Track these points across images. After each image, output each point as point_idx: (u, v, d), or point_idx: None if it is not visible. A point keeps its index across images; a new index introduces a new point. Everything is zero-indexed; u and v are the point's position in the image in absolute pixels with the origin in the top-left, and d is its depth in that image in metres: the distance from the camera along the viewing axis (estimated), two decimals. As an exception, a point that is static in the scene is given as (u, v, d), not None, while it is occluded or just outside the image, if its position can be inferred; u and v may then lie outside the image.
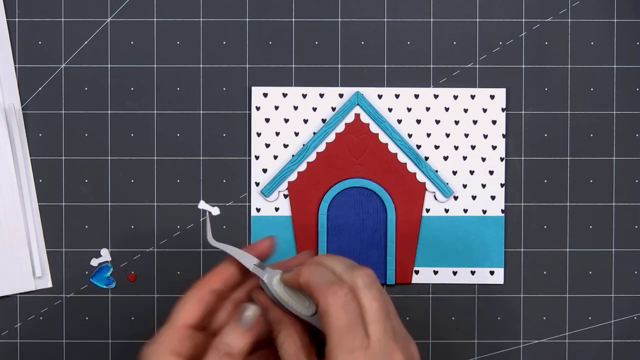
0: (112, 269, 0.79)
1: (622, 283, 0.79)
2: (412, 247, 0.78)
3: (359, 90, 0.78)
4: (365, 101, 0.78)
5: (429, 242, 0.78)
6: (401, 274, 0.78)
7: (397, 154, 0.78)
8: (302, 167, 0.78)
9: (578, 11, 0.79)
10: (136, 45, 0.79)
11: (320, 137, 0.78)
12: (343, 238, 0.78)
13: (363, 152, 0.78)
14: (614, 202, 0.79)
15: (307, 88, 0.78)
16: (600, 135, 0.79)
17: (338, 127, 0.78)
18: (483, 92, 0.78)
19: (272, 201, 0.78)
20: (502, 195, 0.79)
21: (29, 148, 0.78)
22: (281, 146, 0.78)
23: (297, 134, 0.78)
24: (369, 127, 0.78)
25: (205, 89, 0.79)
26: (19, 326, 0.78)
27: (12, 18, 0.78)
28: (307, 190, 0.78)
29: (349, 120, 0.78)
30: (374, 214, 0.78)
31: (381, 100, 0.78)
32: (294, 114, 0.78)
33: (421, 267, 0.78)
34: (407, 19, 0.79)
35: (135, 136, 0.79)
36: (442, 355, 0.79)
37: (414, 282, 0.79)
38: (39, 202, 0.78)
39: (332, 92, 0.78)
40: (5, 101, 0.78)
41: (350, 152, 0.78)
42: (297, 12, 0.79)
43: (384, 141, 0.78)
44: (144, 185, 0.78)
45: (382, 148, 0.78)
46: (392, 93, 0.78)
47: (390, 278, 0.78)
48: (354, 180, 0.78)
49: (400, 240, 0.78)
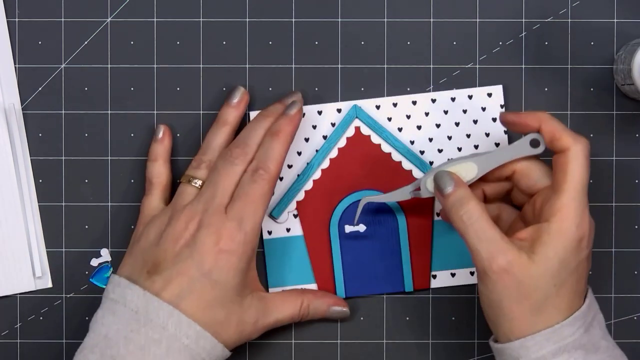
0: (112, 269, 0.79)
1: (622, 283, 0.79)
2: (426, 252, 0.78)
3: (356, 103, 0.78)
4: (364, 113, 0.78)
5: (444, 246, 0.78)
6: (419, 279, 0.78)
7: (402, 161, 0.78)
8: (309, 185, 0.78)
9: (578, 11, 0.79)
10: (136, 45, 0.79)
11: (323, 153, 0.78)
12: (357, 250, 0.78)
13: (367, 164, 0.78)
14: (614, 202, 0.79)
15: (305, 107, 0.78)
16: (600, 135, 0.79)
17: (340, 142, 0.78)
18: (480, 91, 0.78)
19: (282, 222, 0.78)
20: None
21: (29, 148, 0.78)
22: (285, 167, 0.78)
23: (300, 153, 0.78)
24: (370, 138, 0.78)
25: (205, 89, 0.79)
26: (19, 326, 0.78)
27: (12, 18, 0.78)
28: (316, 208, 0.78)
29: (350, 134, 0.78)
30: (385, 223, 0.78)
31: (379, 111, 0.78)
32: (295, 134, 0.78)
33: (439, 271, 0.78)
34: (407, 19, 0.79)
35: (135, 136, 0.79)
36: (442, 355, 0.79)
37: (433, 287, 0.78)
38: (39, 202, 0.78)
39: (330, 108, 0.78)
40: (5, 101, 0.78)
41: (354, 165, 0.78)
42: (297, 12, 0.79)
43: (387, 150, 0.78)
44: (144, 185, 0.78)
45: (386, 157, 0.78)
46: (390, 102, 0.78)
47: (408, 285, 0.78)
48: (361, 192, 0.78)
49: (414, 247, 0.78)
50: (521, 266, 0.66)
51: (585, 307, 0.68)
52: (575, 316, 0.67)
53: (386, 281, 0.78)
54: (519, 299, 0.66)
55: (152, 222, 0.73)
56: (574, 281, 0.67)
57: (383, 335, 0.79)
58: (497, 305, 0.67)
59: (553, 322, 0.66)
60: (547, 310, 0.66)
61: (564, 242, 0.66)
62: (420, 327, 0.79)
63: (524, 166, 0.71)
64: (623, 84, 0.75)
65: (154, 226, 0.72)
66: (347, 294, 0.78)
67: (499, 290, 0.66)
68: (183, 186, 0.74)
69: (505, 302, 0.67)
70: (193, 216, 0.71)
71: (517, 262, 0.66)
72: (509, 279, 0.66)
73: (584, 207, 0.67)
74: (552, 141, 0.68)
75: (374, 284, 0.78)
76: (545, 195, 0.69)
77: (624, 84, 0.75)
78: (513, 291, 0.66)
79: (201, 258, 0.69)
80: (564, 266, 0.66)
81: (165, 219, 0.72)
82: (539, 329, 0.66)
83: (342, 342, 0.79)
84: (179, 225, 0.71)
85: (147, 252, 0.71)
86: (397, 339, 0.79)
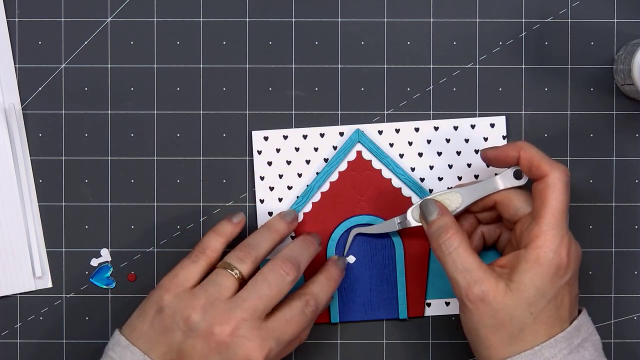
0: (112, 269, 0.79)
1: (622, 283, 0.79)
2: (422, 281, 0.78)
3: (359, 127, 0.78)
4: (366, 138, 0.78)
5: (439, 274, 0.77)
6: (413, 307, 0.78)
7: (402, 188, 0.78)
8: (308, 207, 0.78)
9: (578, 11, 0.79)
10: (136, 45, 0.79)
11: (324, 176, 0.78)
12: (353, 275, 0.78)
13: (367, 189, 0.78)
14: (614, 202, 0.79)
15: (308, 129, 0.78)
16: (600, 135, 0.79)
17: (340, 165, 0.78)
18: (483, 121, 0.78)
19: (281, 244, 0.78)
20: None
21: (29, 148, 0.78)
22: (285, 188, 0.78)
23: (300, 175, 0.78)
24: (371, 163, 0.78)
25: (205, 89, 0.79)
26: (19, 326, 0.78)
27: (12, 18, 0.78)
28: (314, 231, 0.77)
29: (351, 158, 0.78)
30: (382, 250, 0.78)
31: (382, 136, 0.78)
32: (296, 156, 0.78)
33: (433, 300, 0.78)
34: (407, 19, 0.79)
35: (135, 136, 0.79)
36: (442, 355, 0.79)
37: (427, 315, 0.78)
38: (39, 202, 0.78)
39: (333, 131, 0.78)
40: (5, 101, 0.78)
41: (354, 189, 0.78)
42: (297, 12, 0.79)
43: (387, 176, 0.78)
44: (144, 185, 0.78)
45: (386, 183, 0.78)
46: (392, 128, 0.78)
47: (402, 312, 0.78)
48: (360, 218, 0.78)
49: (410, 274, 0.78)
50: (497, 295, 0.66)
51: (571, 328, 0.67)
52: (557, 338, 0.66)
53: (381, 308, 0.78)
54: (495, 327, 0.66)
55: (182, 300, 0.69)
56: (553, 308, 0.67)
57: (383, 335, 0.79)
58: (475, 333, 0.67)
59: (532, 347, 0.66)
60: (524, 338, 0.66)
61: (540, 269, 0.66)
62: (421, 327, 0.79)
63: (504, 196, 0.72)
64: (623, 84, 0.75)
65: (185, 307, 0.68)
66: (341, 319, 0.78)
67: (476, 319, 0.67)
68: (221, 273, 0.70)
69: (482, 330, 0.67)
70: (228, 319, 0.68)
71: (492, 292, 0.66)
72: (485, 308, 0.66)
73: (562, 234, 0.67)
74: (531, 169, 0.68)
75: (368, 310, 0.78)
76: (525, 223, 0.69)
77: (623, 84, 0.75)
78: (489, 320, 0.66)
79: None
80: (541, 294, 0.66)
81: (196, 305, 0.68)
82: (517, 353, 0.66)
83: (342, 342, 0.79)
84: (214, 322, 0.68)
85: (172, 337, 0.68)
86: (396, 339, 0.79)
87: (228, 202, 0.79)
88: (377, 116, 0.79)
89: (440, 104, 0.79)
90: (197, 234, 0.79)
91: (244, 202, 0.79)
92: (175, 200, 0.79)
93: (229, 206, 0.79)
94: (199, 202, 0.79)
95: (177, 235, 0.79)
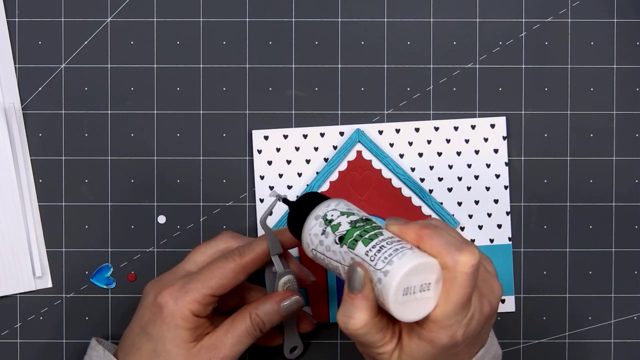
0: (112, 269, 0.79)
1: (622, 283, 0.79)
2: None
3: (359, 127, 0.78)
4: (366, 138, 0.78)
5: None
6: None
7: (401, 188, 0.78)
8: None
9: (578, 11, 0.79)
10: (136, 45, 0.79)
11: (324, 176, 0.78)
12: None
13: (367, 189, 0.78)
14: (614, 202, 0.79)
15: (308, 128, 0.78)
16: (600, 135, 0.79)
17: (341, 165, 0.78)
18: (483, 122, 0.78)
19: None
20: (509, 223, 0.78)
21: (29, 148, 0.78)
22: (285, 188, 0.78)
23: (300, 174, 0.78)
24: (371, 163, 0.78)
25: (205, 89, 0.79)
26: (19, 326, 0.78)
27: (12, 18, 0.78)
28: None
29: (351, 158, 0.78)
30: None
31: (382, 136, 0.78)
32: (296, 155, 0.78)
33: None
34: (407, 19, 0.79)
35: (135, 136, 0.79)
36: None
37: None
38: (39, 202, 0.78)
39: (333, 131, 0.78)
40: (5, 101, 0.78)
41: (354, 189, 0.78)
42: (297, 12, 0.79)
43: (387, 176, 0.78)
44: (144, 185, 0.78)
45: (386, 183, 0.78)
46: (392, 128, 0.78)
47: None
48: None
49: None
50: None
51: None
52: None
53: None
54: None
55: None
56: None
57: (383, 335, 0.79)
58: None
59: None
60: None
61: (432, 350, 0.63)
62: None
63: None
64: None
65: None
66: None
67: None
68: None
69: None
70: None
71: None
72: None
73: (461, 319, 0.63)
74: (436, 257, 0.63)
75: None
76: None
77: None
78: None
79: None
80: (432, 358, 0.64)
81: None
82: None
83: (342, 342, 0.79)
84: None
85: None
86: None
87: (228, 202, 0.79)
88: (377, 116, 0.79)
89: (440, 104, 0.79)
90: (197, 234, 0.79)
91: (244, 202, 0.79)
92: (175, 200, 0.79)
93: (228, 206, 0.79)
94: (199, 202, 0.79)
95: (177, 235, 0.79)
